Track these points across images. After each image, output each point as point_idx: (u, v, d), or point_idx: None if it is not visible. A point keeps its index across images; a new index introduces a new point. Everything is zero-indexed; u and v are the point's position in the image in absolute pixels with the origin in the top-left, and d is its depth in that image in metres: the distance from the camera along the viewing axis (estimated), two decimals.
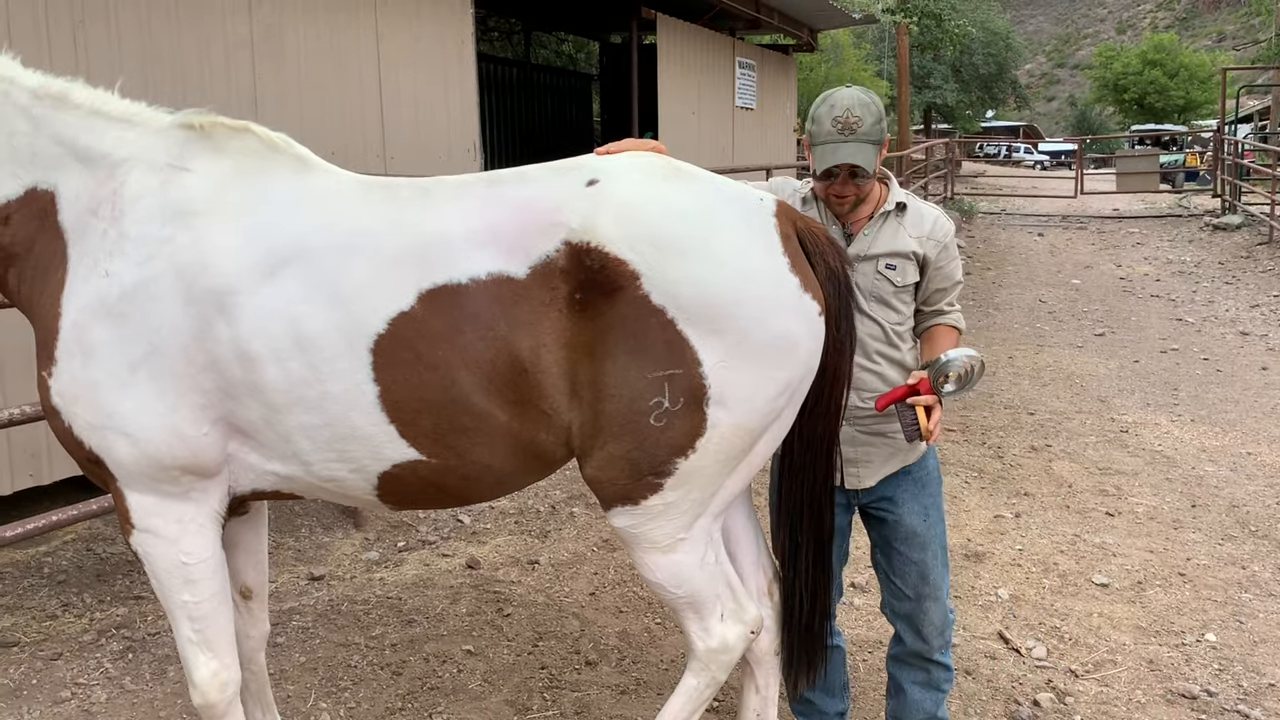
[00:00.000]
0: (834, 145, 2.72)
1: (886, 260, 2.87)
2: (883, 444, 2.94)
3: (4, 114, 2.59)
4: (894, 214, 2.90)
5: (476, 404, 2.34)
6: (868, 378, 2.88)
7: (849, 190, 2.81)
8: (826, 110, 2.75)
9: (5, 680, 3.83)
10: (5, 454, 4.71)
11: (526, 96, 16.53)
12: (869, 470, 2.96)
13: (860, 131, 2.71)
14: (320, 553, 5.14)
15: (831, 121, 2.72)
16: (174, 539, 2.54)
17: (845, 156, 2.71)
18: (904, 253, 2.87)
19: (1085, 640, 4.15)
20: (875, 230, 2.89)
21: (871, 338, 2.87)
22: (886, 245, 2.87)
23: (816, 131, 2.77)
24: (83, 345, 2.44)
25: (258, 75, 5.95)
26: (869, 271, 2.87)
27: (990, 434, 7.24)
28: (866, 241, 2.88)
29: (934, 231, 2.90)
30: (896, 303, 2.90)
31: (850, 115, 2.72)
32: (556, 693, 3.73)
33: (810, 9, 13.19)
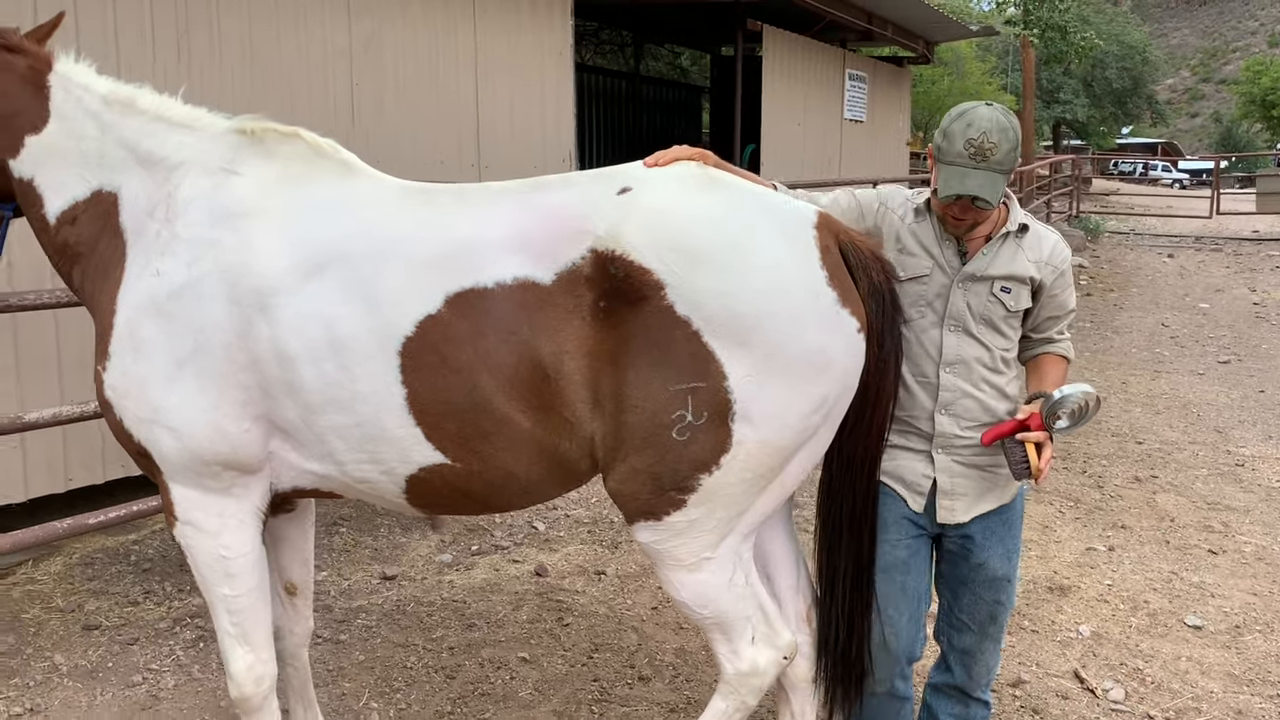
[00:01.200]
0: (962, 171, 2.53)
1: (1002, 283, 2.71)
2: (979, 478, 2.78)
3: (76, 119, 2.71)
4: (1014, 236, 2.73)
5: (499, 409, 2.33)
6: (970, 405, 2.73)
7: (968, 215, 2.63)
8: (961, 128, 2.54)
9: (84, 661, 3.99)
10: (99, 445, 4.93)
11: (634, 108, 16.62)
12: (963, 505, 2.78)
13: (993, 160, 2.51)
14: (396, 553, 5.22)
15: (965, 143, 2.52)
16: (215, 533, 2.60)
17: (972, 188, 2.52)
18: (1021, 277, 2.71)
19: (1169, 685, 3.91)
20: (994, 251, 2.71)
21: (978, 362, 2.72)
22: (1004, 268, 2.71)
23: (946, 149, 2.56)
24: (134, 341, 2.52)
25: (355, 84, 6.11)
26: (982, 293, 2.71)
27: (1092, 462, 6.92)
28: (984, 262, 2.71)
29: (1052, 257, 2.73)
30: (1005, 328, 2.75)
31: (986, 140, 2.51)
32: (605, 706, 3.70)
33: (925, 21, 12.91)
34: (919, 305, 2.74)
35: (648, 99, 17.09)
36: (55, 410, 3.86)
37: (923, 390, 2.75)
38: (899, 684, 2.91)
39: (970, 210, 2.61)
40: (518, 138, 7.38)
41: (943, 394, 2.73)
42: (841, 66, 12.30)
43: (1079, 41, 18.92)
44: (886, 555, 2.79)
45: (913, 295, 2.73)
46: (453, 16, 6.79)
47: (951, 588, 2.92)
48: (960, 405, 2.72)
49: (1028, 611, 4.52)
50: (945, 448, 2.75)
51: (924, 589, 2.89)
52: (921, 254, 2.75)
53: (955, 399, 2.72)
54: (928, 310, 2.74)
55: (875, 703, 2.92)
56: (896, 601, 2.82)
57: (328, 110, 5.92)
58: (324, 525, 5.49)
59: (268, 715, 2.76)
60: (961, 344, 2.72)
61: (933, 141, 2.66)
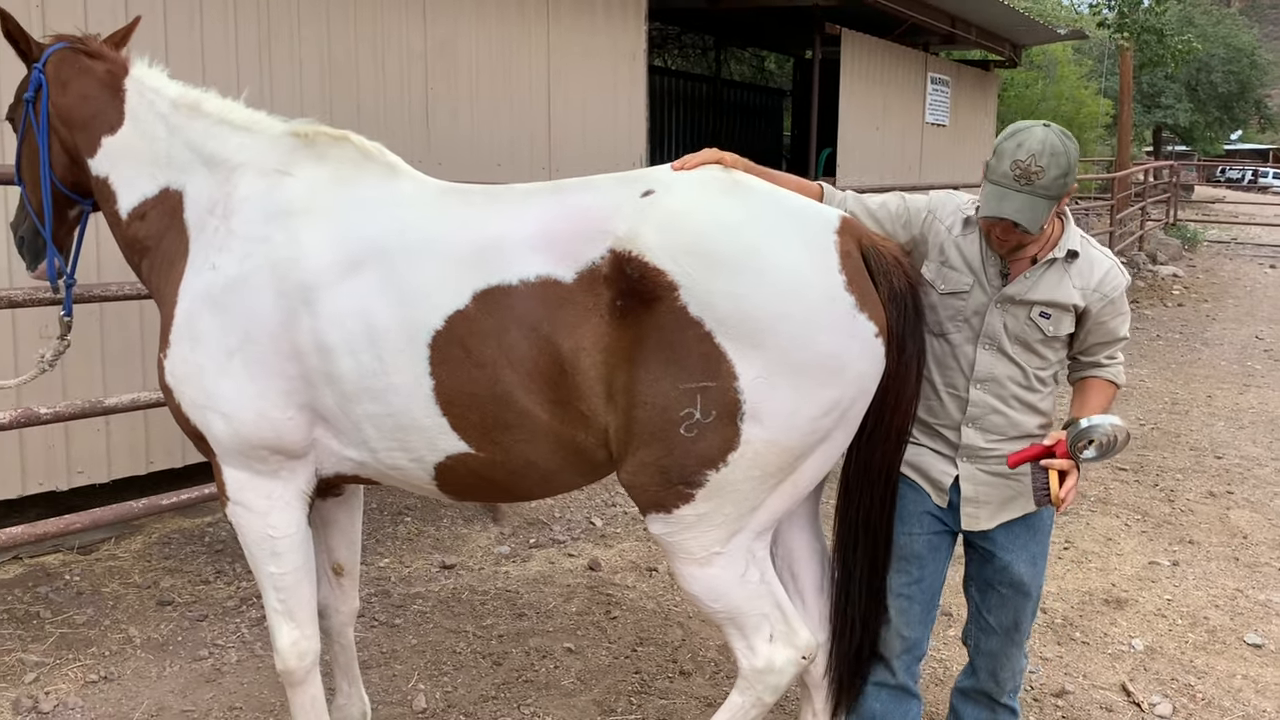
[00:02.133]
0: (1003, 191, 2.49)
1: (1042, 308, 2.67)
2: (1004, 487, 2.78)
3: (148, 120, 2.89)
4: (1062, 261, 2.67)
5: (519, 401, 2.43)
6: (998, 420, 2.73)
7: (1010, 237, 2.59)
8: (1011, 148, 2.50)
9: (155, 635, 4.22)
10: (177, 430, 5.17)
11: (715, 112, 16.65)
12: (987, 513, 2.79)
13: (1039, 184, 2.46)
14: (456, 543, 5.37)
15: (1012, 164, 2.48)
16: (263, 513, 2.75)
17: (1009, 211, 2.49)
18: (1064, 304, 2.66)
19: (1220, 702, 3.83)
20: (1036, 276, 2.67)
21: (1010, 380, 2.71)
22: (1045, 294, 2.66)
23: (994, 167, 2.53)
24: (192, 331, 2.68)
25: (430, 87, 6.30)
26: (1020, 316, 2.68)
27: (1166, 475, 6.76)
28: (1025, 285, 2.67)
29: (1102, 285, 2.67)
30: (1043, 350, 2.72)
31: (1034, 163, 2.46)
32: (644, 698, 3.78)
33: (1011, 24, 12.68)
34: (955, 320, 2.73)
35: (729, 102, 17.11)
36: (134, 396, 4.09)
37: (952, 402, 2.76)
38: (909, 679, 2.91)
39: (1012, 233, 2.56)
40: (589, 140, 7.50)
41: (971, 408, 2.74)
42: (923, 70, 12.17)
43: (1176, 45, 18.34)
44: (905, 546, 2.82)
45: (950, 309, 2.73)
46: (526, 20, 6.94)
47: (978, 589, 2.94)
48: (988, 420, 2.73)
49: (1080, 623, 4.47)
50: (970, 458, 2.77)
51: (938, 584, 2.90)
52: (963, 269, 2.72)
53: (984, 414, 2.72)
54: (964, 326, 2.73)
55: (885, 696, 2.91)
56: (911, 591, 2.85)
57: (403, 113, 6.11)
58: (389, 515, 5.68)
59: (311, 688, 2.91)
60: (995, 362, 2.71)
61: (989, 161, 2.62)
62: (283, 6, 5.50)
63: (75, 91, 2.91)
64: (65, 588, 4.60)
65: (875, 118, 11.15)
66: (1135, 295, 15.46)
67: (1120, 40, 17.01)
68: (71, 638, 4.16)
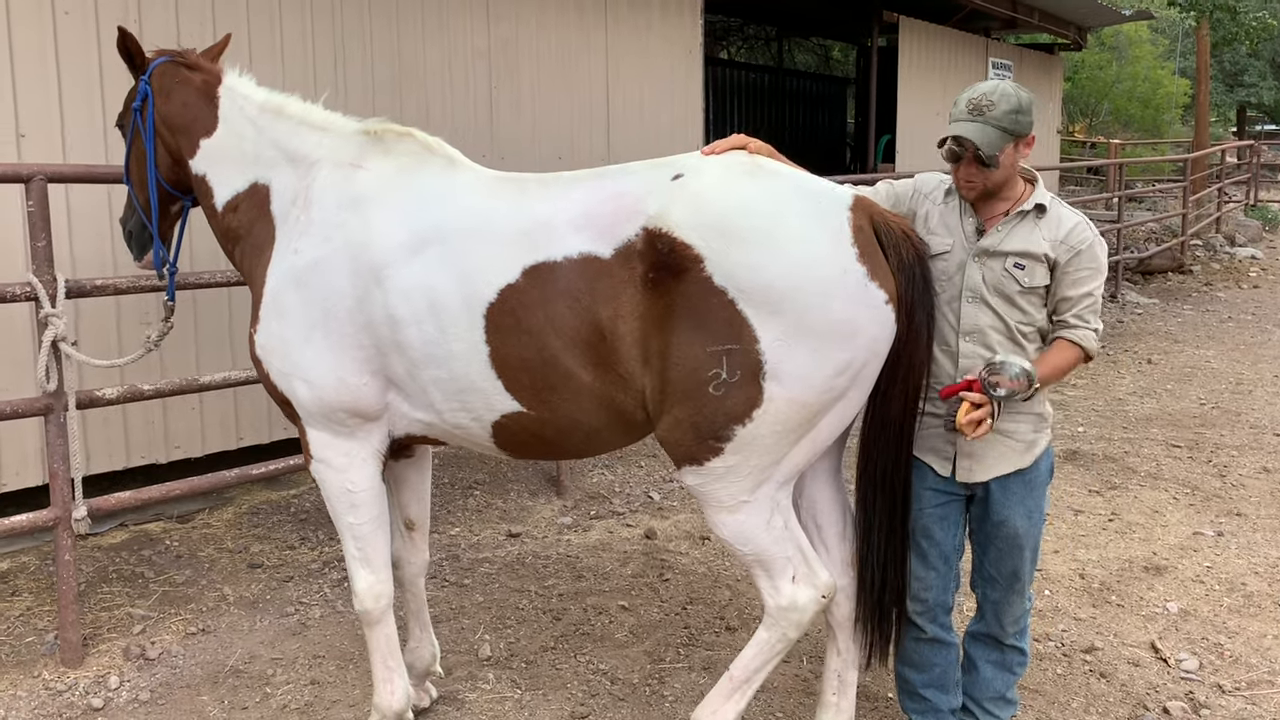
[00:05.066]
0: (960, 123, 2.82)
1: (1015, 259, 2.90)
2: (997, 441, 2.98)
3: (239, 124, 3.24)
4: (1032, 214, 2.93)
5: (564, 364, 2.73)
6: None
7: (974, 176, 2.86)
8: (966, 94, 2.86)
9: (247, 594, 4.62)
10: (265, 409, 5.60)
11: (778, 101, 16.79)
12: (981, 467, 3.01)
13: (989, 115, 2.78)
14: (522, 514, 5.70)
15: (966, 103, 2.83)
16: (342, 470, 3.09)
17: (965, 131, 2.79)
18: (1035, 254, 2.89)
19: (1248, 659, 3.98)
20: (1009, 228, 2.93)
21: (994, 330, 2.93)
22: (1018, 244, 2.91)
23: (952, 112, 2.88)
24: (278, 308, 3.03)
25: (494, 84, 6.63)
26: (996, 267, 2.92)
27: (1221, 452, 6.82)
28: (998, 237, 2.93)
29: (1069, 237, 2.89)
30: (1022, 302, 2.93)
31: (985, 99, 2.80)
32: (691, 650, 4.06)
33: (1074, 6, 12.61)
34: (940, 280, 2.97)
35: (791, 92, 17.24)
36: (225, 374, 4.48)
37: (945, 358, 2.99)
38: (940, 631, 3.18)
39: (974, 168, 2.84)
40: (647, 133, 7.77)
41: (962, 361, 2.95)
42: (984, 55, 12.20)
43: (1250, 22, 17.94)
44: (915, 520, 3.06)
45: (936, 270, 2.96)
46: (585, 19, 7.24)
47: (979, 543, 3.17)
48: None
49: (1117, 588, 4.63)
50: None
51: (954, 546, 3.14)
52: (944, 232, 3.00)
53: (974, 365, 2.91)
54: (948, 284, 2.98)
55: (923, 648, 3.20)
56: (926, 560, 3.11)
57: (468, 108, 6.46)
58: (460, 489, 6.04)
59: (386, 627, 3.24)
60: (978, 314, 2.94)
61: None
62: (355, 10, 5.88)
63: (177, 100, 3.28)
64: (166, 551, 5.03)
65: (935, 103, 11.23)
66: (1209, 278, 15.25)
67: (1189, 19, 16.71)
68: (172, 595, 4.58)
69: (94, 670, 3.92)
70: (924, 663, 3.22)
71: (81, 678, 3.86)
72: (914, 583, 3.10)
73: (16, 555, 4.93)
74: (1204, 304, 13.25)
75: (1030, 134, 2.87)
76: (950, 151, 2.86)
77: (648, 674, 3.85)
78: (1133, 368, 9.57)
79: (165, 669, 3.95)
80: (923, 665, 3.22)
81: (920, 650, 3.21)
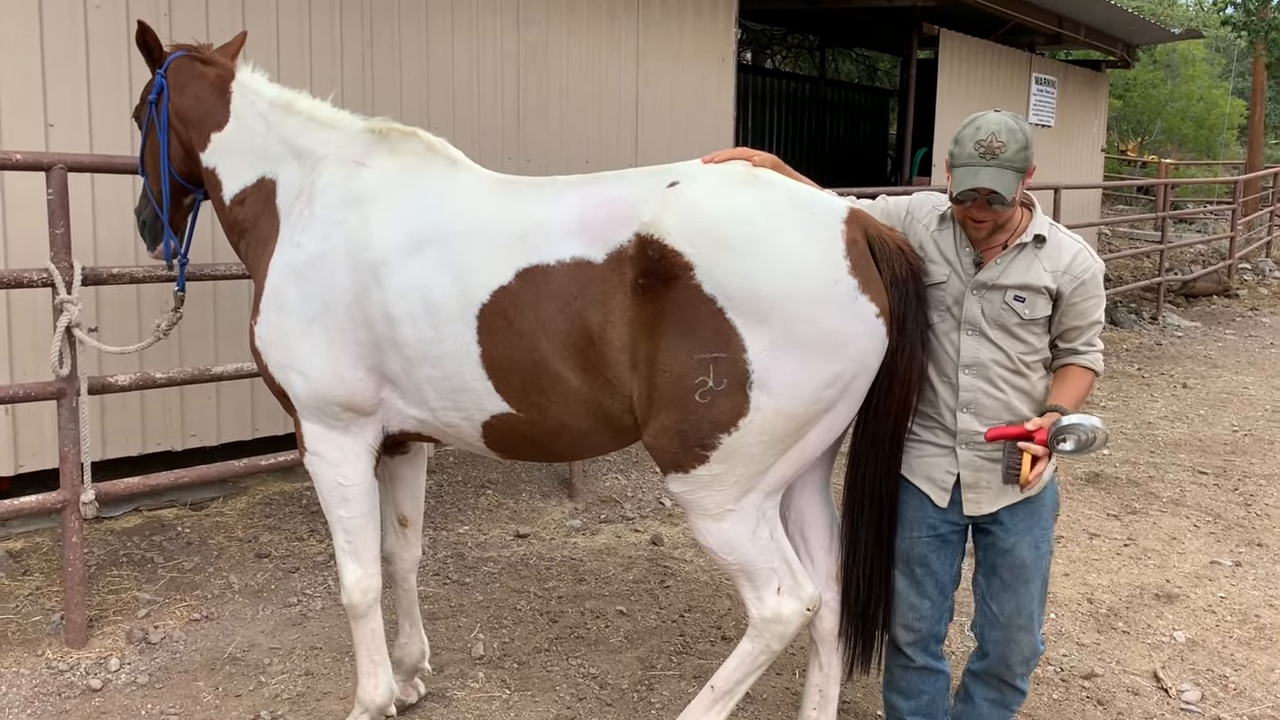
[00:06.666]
0: (973, 169, 2.68)
1: (1015, 292, 2.81)
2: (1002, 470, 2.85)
3: (249, 119, 3.29)
4: (1031, 246, 2.83)
5: (553, 367, 2.73)
6: (991, 404, 2.86)
7: (986, 216, 2.75)
8: (970, 133, 2.71)
9: (252, 583, 4.68)
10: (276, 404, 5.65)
11: (818, 111, 16.73)
12: (987, 497, 2.91)
13: (1002, 157, 2.66)
14: (532, 515, 5.72)
15: (974, 145, 2.68)
16: (335, 463, 3.12)
17: (984, 181, 2.66)
18: (1036, 286, 2.80)
19: (1252, 693, 3.89)
20: (1007, 261, 2.83)
21: (995, 363, 2.84)
22: (1017, 277, 2.81)
23: (957, 153, 2.73)
24: (279, 301, 3.07)
25: (522, 88, 6.67)
26: (995, 300, 2.83)
27: (1248, 480, 6.68)
28: (996, 271, 2.83)
29: (1072, 267, 2.81)
30: (1023, 334, 2.84)
31: (994, 140, 2.67)
32: (684, 658, 4.04)
33: (1121, 23, 12.43)
34: (939, 310, 2.89)
35: (832, 102, 17.16)
36: (239, 365, 4.54)
37: (945, 389, 2.90)
38: (930, 660, 3.10)
39: (987, 211, 2.73)
40: (676, 140, 7.77)
41: (963, 394, 2.86)
42: (1027, 70, 12.06)
43: None
44: (909, 549, 2.98)
45: (934, 300, 2.88)
46: (617, 24, 7.26)
47: (984, 576, 3.03)
48: (980, 404, 2.85)
49: (1124, 614, 4.55)
50: (968, 444, 2.88)
51: (950, 577, 3.03)
52: (940, 261, 2.90)
53: (975, 398, 2.84)
54: (947, 315, 2.88)
55: (912, 675, 3.12)
56: (920, 590, 3.01)
57: (495, 111, 6.49)
58: (473, 487, 6.07)
59: (372, 621, 3.27)
60: (979, 347, 2.84)
61: (949, 152, 2.80)
62: (385, 11, 5.94)
63: (191, 94, 3.33)
64: (177, 538, 5.11)
65: None
66: (1255, 302, 14.96)
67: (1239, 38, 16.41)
68: (180, 581, 4.65)
69: (96, 652, 3.99)
70: (912, 690, 3.15)
71: (84, 658, 3.93)
72: (908, 612, 3.03)
73: (31, 536, 5.03)
74: (1247, 329, 12.99)
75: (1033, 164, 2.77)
76: (964, 197, 2.72)
77: (637, 680, 3.85)
78: (1166, 391, 9.40)
79: (165, 653, 4.00)
80: (911, 693, 3.15)
81: (909, 678, 3.14)
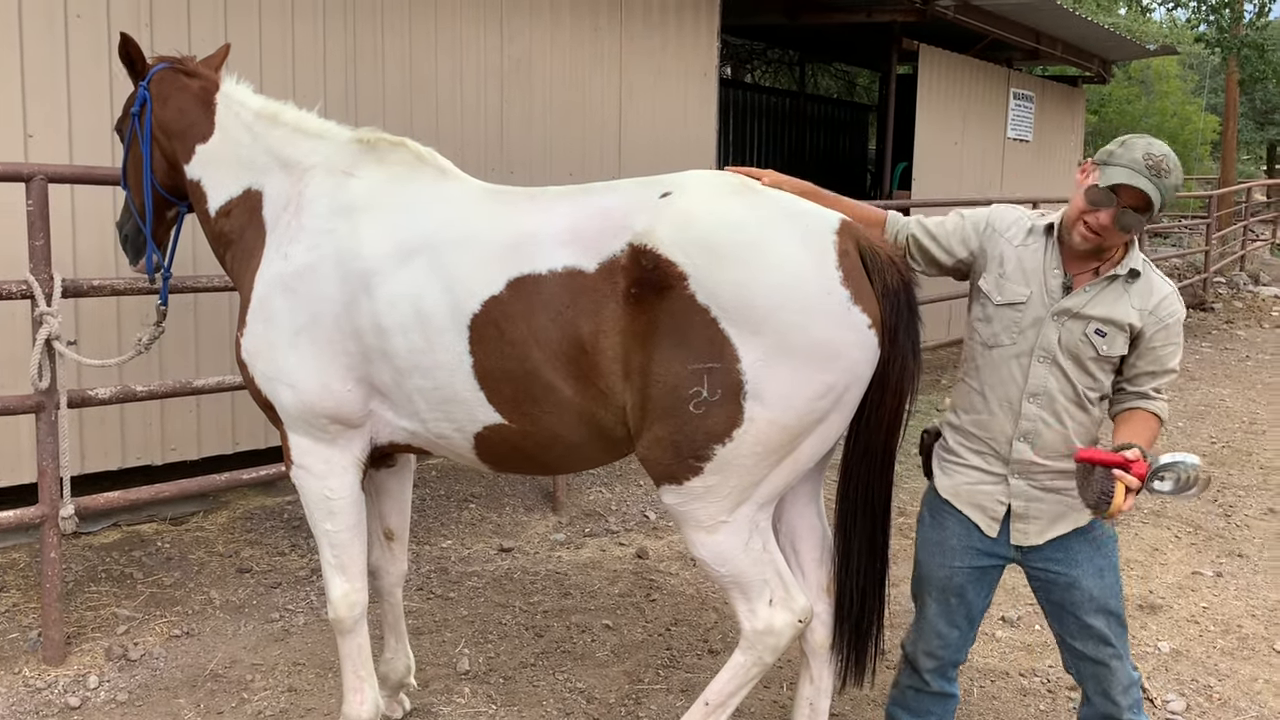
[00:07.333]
0: (1135, 174, 2.55)
1: (1098, 325, 2.70)
2: (1054, 501, 2.80)
3: (235, 130, 3.27)
4: (1123, 279, 2.72)
5: (546, 377, 2.71)
6: (1050, 436, 2.76)
7: (1106, 234, 2.62)
8: (1142, 144, 2.60)
9: (233, 598, 4.62)
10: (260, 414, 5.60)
11: (798, 126, 16.82)
12: (1037, 528, 2.82)
13: (1165, 181, 2.55)
14: (516, 529, 5.69)
15: (1144, 155, 2.56)
16: (321, 476, 3.08)
17: (1145, 187, 2.54)
18: (1119, 322, 2.69)
19: (1236, 703, 3.91)
20: (1096, 291, 2.72)
21: (1063, 394, 2.75)
22: (1103, 310, 2.70)
23: (1119, 155, 2.60)
24: (265, 312, 3.04)
25: (505, 102, 6.66)
26: (1076, 330, 2.71)
27: (1228, 491, 6.73)
28: (1083, 299, 2.72)
29: (1159, 309, 2.70)
30: (1094, 369, 2.74)
31: (1165, 162, 2.56)
32: (671, 672, 4.02)
33: (1098, 39, 12.57)
34: (1011, 331, 2.77)
35: (812, 117, 17.26)
36: (220, 378, 4.49)
37: (1005, 416, 2.80)
38: (945, 685, 3.06)
39: (1110, 230, 2.61)
40: (659, 154, 7.78)
41: (1023, 422, 2.77)
42: (1006, 86, 12.17)
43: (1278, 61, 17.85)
44: (948, 578, 2.92)
45: (1007, 320, 2.78)
46: (600, 39, 7.27)
47: (1058, 619, 2.92)
48: (1039, 435, 2.76)
49: None
50: (1022, 473, 2.80)
51: (981, 608, 2.97)
52: (1021, 280, 2.77)
53: (1036, 428, 2.76)
54: (1019, 338, 2.76)
55: (925, 698, 3.09)
56: (951, 619, 2.95)
57: (479, 124, 6.48)
58: (455, 501, 6.04)
59: (359, 637, 3.23)
60: (1049, 376, 2.74)
61: (1096, 155, 2.67)
62: (368, 24, 5.92)
63: (174, 106, 3.31)
64: (157, 553, 5.04)
65: (954, 133, 11.20)
66: (1231, 315, 15.12)
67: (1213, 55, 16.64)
68: (159, 597, 4.59)
69: (75, 669, 3.92)
70: (921, 710, 3.10)
71: (61, 676, 3.87)
72: (934, 639, 2.98)
73: (8, 551, 4.96)
74: (1223, 342, 13.13)
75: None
76: (1104, 195, 2.58)
77: (625, 694, 3.82)
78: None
79: (145, 670, 3.94)
80: (919, 712, 3.10)
81: (921, 700, 3.09)
